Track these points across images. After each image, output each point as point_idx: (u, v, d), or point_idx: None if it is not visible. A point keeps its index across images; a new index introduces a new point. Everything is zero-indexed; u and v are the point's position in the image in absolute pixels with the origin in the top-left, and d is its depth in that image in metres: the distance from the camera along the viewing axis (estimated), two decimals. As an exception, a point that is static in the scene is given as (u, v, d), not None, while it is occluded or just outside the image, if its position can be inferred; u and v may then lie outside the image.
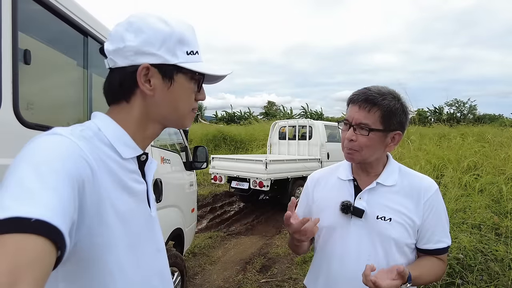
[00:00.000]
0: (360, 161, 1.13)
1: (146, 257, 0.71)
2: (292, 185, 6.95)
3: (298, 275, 3.96)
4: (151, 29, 0.67)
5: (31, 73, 1.24)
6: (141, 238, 0.69)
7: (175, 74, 0.70)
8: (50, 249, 0.44)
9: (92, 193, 0.57)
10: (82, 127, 0.64)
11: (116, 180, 0.64)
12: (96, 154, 0.61)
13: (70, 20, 1.45)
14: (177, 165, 3.12)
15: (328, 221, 1.16)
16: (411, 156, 5.68)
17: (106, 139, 0.66)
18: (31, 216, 0.43)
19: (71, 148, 0.57)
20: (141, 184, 0.71)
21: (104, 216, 0.60)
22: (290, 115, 24.01)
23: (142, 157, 0.73)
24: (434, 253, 1.12)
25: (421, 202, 1.11)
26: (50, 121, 1.33)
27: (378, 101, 1.06)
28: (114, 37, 0.68)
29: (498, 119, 20.57)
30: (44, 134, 0.57)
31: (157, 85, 0.69)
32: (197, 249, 4.76)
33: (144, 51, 0.66)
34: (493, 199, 3.46)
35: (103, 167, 0.62)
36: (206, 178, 9.51)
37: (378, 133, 1.08)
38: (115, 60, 0.68)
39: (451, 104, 25.12)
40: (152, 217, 0.75)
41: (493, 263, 2.44)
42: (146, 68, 0.67)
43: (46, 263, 0.44)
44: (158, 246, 0.76)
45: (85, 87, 1.65)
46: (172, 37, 0.68)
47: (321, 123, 8.28)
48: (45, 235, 0.44)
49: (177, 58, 0.69)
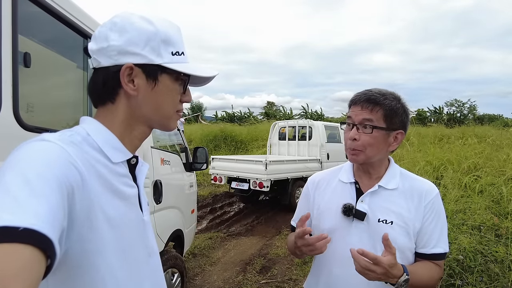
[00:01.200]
0: (364, 161, 1.12)
1: (138, 262, 0.70)
2: (292, 185, 6.94)
3: (298, 276, 3.96)
4: (135, 29, 0.66)
5: (31, 75, 1.24)
6: (133, 243, 0.68)
7: (159, 74, 0.69)
8: (39, 258, 0.43)
9: (81, 199, 0.56)
10: (70, 132, 0.64)
11: (107, 185, 0.63)
12: (86, 159, 0.60)
13: (69, 22, 1.45)
14: (177, 166, 3.12)
15: (329, 223, 1.16)
16: (411, 157, 5.68)
17: (95, 143, 0.65)
18: (18, 225, 0.42)
19: (60, 154, 0.56)
20: (133, 188, 0.71)
21: (94, 222, 0.59)
22: (290, 115, 23.99)
23: (132, 161, 0.72)
24: (431, 258, 1.11)
25: (422, 205, 1.10)
26: (49, 124, 1.33)
27: (380, 100, 1.08)
28: (98, 36, 0.68)
29: (498, 119, 20.57)
30: (32, 140, 0.56)
31: (141, 85, 0.68)
32: (197, 250, 4.76)
33: (128, 51, 0.66)
34: (493, 200, 3.46)
35: (93, 172, 0.61)
36: (206, 179, 9.51)
37: (381, 132, 1.08)
38: (99, 60, 0.67)
39: (451, 104, 25.10)
40: (144, 221, 0.74)
41: (493, 265, 2.43)
42: (130, 68, 0.66)
43: (34, 272, 0.43)
44: (150, 251, 0.75)
45: (85, 89, 1.65)
46: (157, 37, 0.67)
47: (321, 124, 8.27)
48: (34, 244, 0.43)
49: (161, 58, 0.68)
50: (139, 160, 0.74)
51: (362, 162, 1.13)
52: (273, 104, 30.34)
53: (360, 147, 1.09)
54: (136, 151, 0.74)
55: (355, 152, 1.10)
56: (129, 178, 0.70)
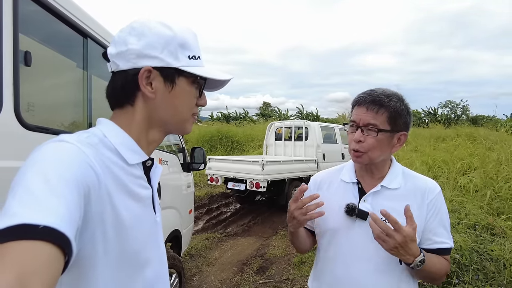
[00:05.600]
0: (367, 163, 1.12)
1: (148, 263, 0.71)
2: (288, 186, 6.95)
3: (295, 276, 3.97)
4: (153, 33, 0.68)
5: (32, 74, 1.24)
6: (145, 243, 0.70)
7: (176, 77, 0.71)
8: (58, 256, 0.45)
9: (97, 200, 0.58)
10: (87, 134, 0.65)
11: (122, 186, 0.65)
12: (102, 160, 0.61)
13: (70, 21, 1.45)
14: (174, 166, 3.12)
15: (332, 223, 1.16)
16: (406, 157, 5.73)
17: (112, 145, 0.66)
18: (39, 223, 0.44)
19: (78, 155, 0.57)
20: (147, 190, 0.72)
21: (106, 223, 0.60)
22: (285, 116, 24.02)
23: (148, 163, 0.74)
24: (436, 253, 1.11)
25: (425, 203, 1.11)
26: (50, 123, 1.32)
27: (385, 102, 1.08)
28: (117, 41, 0.69)
29: (491, 120, 20.76)
30: (51, 141, 0.58)
31: (159, 88, 0.69)
32: (194, 251, 4.75)
33: (146, 54, 0.67)
34: (487, 199, 3.50)
35: (109, 173, 0.62)
36: (202, 179, 9.49)
37: (386, 134, 1.09)
38: (118, 63, 0.69)
39: (445, 105, 25.32)
40: (157, 222, 0.76)
41: (489, 263, 2.46)
42: (148, 70, 0.68)
43: (54, 269, 0.44)
44: (162, 258, 0.77)
45: (85, 88, 1.64)
46: (174, 41, 0.69)
47: (317, 124, 8.29)
48: (53, 242, 0.44)
49: (179, 62, 0.70)
50: (154, 162, 0.76)
51: (366, 163, 1.14)
52: (268, 105, 30.36)
53: (365, 149, 1.09)
54: (151, 153, 0.76)
55: (359, 153, 1.10)
56: (144, 180, 0.72)
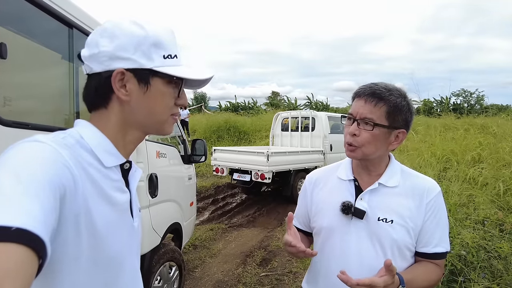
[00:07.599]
0: (361, 158, 1.10)
1: (122, 268, 0.70)
2: (294, 177, 6.89)
3: (298, 268, 3.94)
4: (124, 34, 0.66)
5: (8, 67, 1.18)
6: (119, 250, 0.68)
7: (151, 78, 0.69)
8: (31, 258, 0.44)
9: (73, 202, 0.56)
10: (64, 135, 0.64)
11: (97, 190, 0.63)
12: (78, 162, 0.61)
13: (52, 11, 1.38)
14: (174, 158, 3.08)
15: (328, 221, 1.14)
16: (415, 148, 5.59)
17: (88, 146, 0.65)
18: (11, 224, 0.42)
19: (53, 155, 0.56)
20: (125, 193, 0.71)
21: (80, 226, 0.58)
22: (294, 105, 23.79)
23: (126, 166, 0.72)
24: (431, 257, 1.09)
25: (424, 203, 1.08)
26: (30, 118, 1.27)
27: (384, 95, 1.04)
28: (90, 43, 0.68)
29: (506, 109, 20.21)
30: (24, 141, 0.56)
31: (133, 90, 0.68)
32: (198, 242, 4.76)
33: (118, 56, 0.66)
34: (498, 193, 3.37)
35: (85, 175, 0.61)
36: (208, 170, 9.51)
37: (383, 129, 1.05)
38: (91, 66, 0.68)
39: (458, 94, 24.68)
40: (135, 227, 0.75)
41: (496, 261, 2.37)
42: (121, 73, 0.66)
43: (27, 272, 0.43)
44: (135, 266, 0.77)
45: (71, 81, 1.59)
46: (147, 41, 0.67)
47: (324, 114, 8.17)
48: (26, 244, 0.43)
49: (152, 62, 0.68)
50: (133, 165, 0.75)
51: (360, 158, 1.11)
52: (277, 94, 30.12)
53: (359, 143, 1.06)
54: (130, 156, 0.75)
55: (353, 147, 1.08)
56: (122, 183, 0.71)
